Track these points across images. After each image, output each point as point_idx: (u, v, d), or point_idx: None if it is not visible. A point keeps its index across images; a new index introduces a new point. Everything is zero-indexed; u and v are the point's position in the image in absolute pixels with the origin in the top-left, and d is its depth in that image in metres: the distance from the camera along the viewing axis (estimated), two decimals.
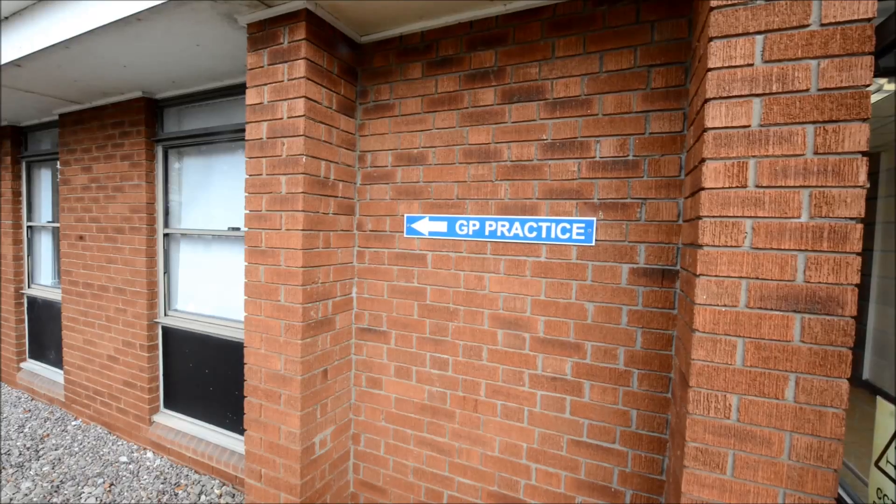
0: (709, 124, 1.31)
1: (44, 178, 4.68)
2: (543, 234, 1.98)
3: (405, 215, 2.29)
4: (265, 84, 2.13)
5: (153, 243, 3.46)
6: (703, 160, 1.32)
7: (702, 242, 1.31)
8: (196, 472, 3.24)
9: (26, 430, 3.89)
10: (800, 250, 1.21)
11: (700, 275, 1.32)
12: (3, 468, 3.27)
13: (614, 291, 1.87)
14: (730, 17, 1.28)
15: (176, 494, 3.00)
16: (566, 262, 1.95)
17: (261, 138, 2.15)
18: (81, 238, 3.83)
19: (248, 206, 2.20)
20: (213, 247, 3.36)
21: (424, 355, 2.28)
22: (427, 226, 2.23)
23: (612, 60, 1.87)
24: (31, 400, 4.50)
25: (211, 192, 3.34)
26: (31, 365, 4.77)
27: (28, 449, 3.55)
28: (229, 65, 2.80)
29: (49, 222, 4.62)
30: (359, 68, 2.40)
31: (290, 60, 2.05)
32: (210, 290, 3.40)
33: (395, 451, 2.38)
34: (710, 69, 1.31)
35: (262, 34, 2.14)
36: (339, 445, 2.40)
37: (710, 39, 1.30)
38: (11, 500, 2.93)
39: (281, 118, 2.09)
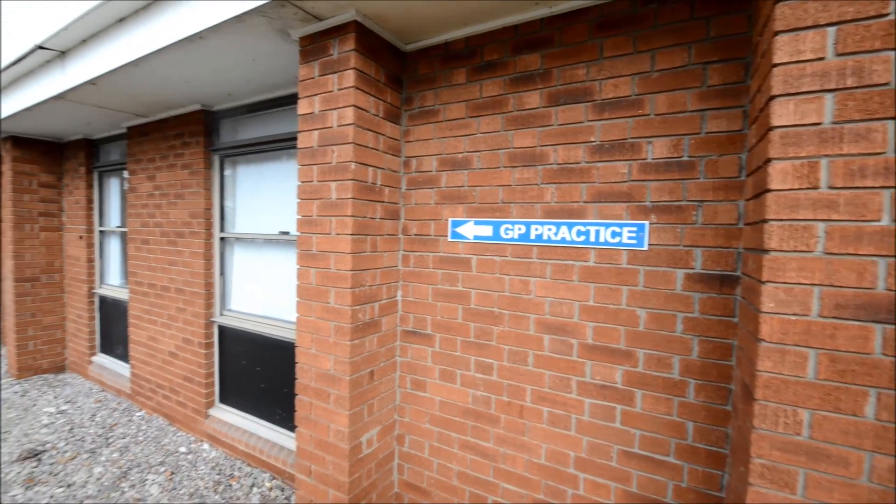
0: (775, 122, 1.24)
1: (113, 187, 5.08)
2: (592, 238, 1.94)
3: (449, 219, 2.32)
4: (316, 94, 2.22)
5: (210, 246, 3.67)
6: (768, 160, 1.26)
7: (768, 247, 1.25)
8: (248, 464, 3.40)
9: (97, 418, 4.21)
10: (880, 256, 1.13)
11: (766, 281, 1.25)
12: (79, 453, 3.56)
13: (668, 298, 1.80)
14: (797, 9, 1.21)
15: (230, 486, 3.15)
16: (616, 267, 1.90)
17: (312, 146, 2.24)
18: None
19: (300, 211, 2.30)
20: (264, 250, 3.52)
21: (469, 359, 2.28)
22: (472, 230, 2.24)
23: (664, 59, 1.81)
24: (101, 391, 4.88)
25: (262, 197, 3.51)
26: (101, 358, 5.17)
27: (99, 437, 3.85)
28: (280, 77, 2.94)
29: (117, 227, 5.00)
30: (404, 76, 2.45)
31: (340, 71, 2.12)
32: (261, 291, 3.57)
33: (439, 454, 2.40)
34: (775, 65, 1.24)
35: (312, 47, 2.23)
36: (384, 446, 2.44)
37: (776, 34, 1.24)
38: (86, 483, 3.18)
39: (331, 127, 2.16)
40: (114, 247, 5.14)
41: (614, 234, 1.89)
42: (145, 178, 4.11)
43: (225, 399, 3.78)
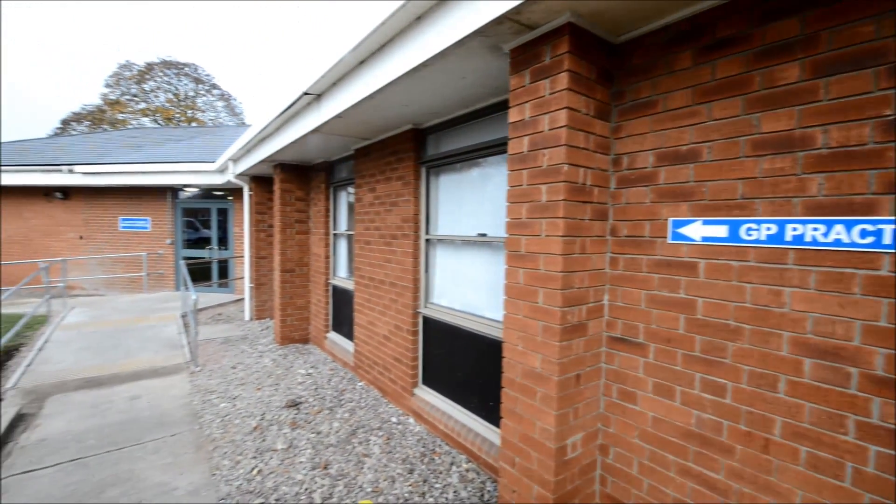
0: None
1: (342, 198, 6.28)
2: (886, 240, 1.50)
3: (670, 219, 2.11)
4: (527, 101, 2.30)
5: (417, 247, 4.20)
6: None
7: None
8: (446, 444, 3.76)
9: (332, 383, 5.26)
10: None
11: None
12: (322, 409, 4.51)
13: None
14: None
15: (433, 459, 3.54)
16: None
17: (522, 152, 2.33)
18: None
19: (509, 214, 2.42)
20: (462, 250, 3.84)
21: (692, 375, 2.04)
22: (699, 230, 1.99)
23: None
24: (332, 361, 6.08)
25: (461, 202, 3.84)
26: (333, 335, 6.45)
27: (334, 398, 4.80)
28: (482, 90, 3.16)
29: (345, 231, 6.16)
30: (613, 70, 2.34)
31: (552, 75, 2.15)
32: (459, 288, 3.90)
33: (652, 475, 2.20)
34: None
35: (523, 56, 2.31)
36: (587, 453, 2.38)
37: None
38: (329, 433, 4.00)
39: (542, 131, 2.21)
40: (342, 246, 6.34)
41: None
42: (367, 191, 4.95)
43: (427, 381, 4.27)
